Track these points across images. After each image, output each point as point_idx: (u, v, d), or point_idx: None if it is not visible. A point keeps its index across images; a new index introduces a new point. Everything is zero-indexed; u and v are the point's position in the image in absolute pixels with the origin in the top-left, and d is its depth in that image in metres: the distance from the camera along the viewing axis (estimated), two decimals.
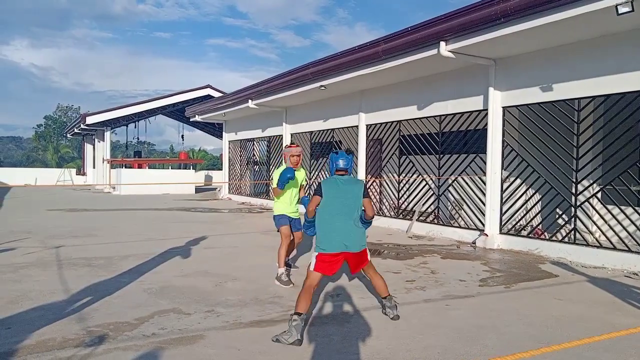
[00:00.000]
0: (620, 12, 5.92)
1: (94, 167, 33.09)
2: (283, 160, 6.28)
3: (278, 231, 6.18)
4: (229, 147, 22.06)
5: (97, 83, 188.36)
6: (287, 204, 6.13)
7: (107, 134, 29.30)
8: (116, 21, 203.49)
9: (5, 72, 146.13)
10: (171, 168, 34.31)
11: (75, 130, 32.42)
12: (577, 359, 3.68)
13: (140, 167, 29.73)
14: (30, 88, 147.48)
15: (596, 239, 7.77)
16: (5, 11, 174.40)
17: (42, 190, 26.71)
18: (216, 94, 26.58)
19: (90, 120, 27.73)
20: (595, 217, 8.05)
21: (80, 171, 36.41)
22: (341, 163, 4.50)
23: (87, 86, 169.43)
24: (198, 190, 26.93)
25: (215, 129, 30.48)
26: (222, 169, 24.32)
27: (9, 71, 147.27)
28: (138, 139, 33.98)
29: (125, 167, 28.17)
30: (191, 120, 23.63)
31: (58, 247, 8.21)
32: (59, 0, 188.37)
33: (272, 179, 6.21)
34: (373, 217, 4.52)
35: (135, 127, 31.51)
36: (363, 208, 4.46)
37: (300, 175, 6.22)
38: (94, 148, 33.02)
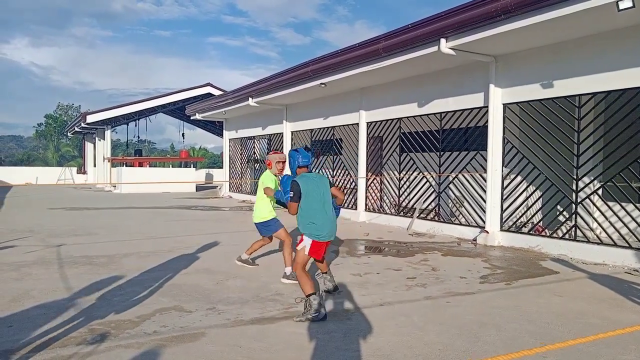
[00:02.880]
0: (621, 7, 5.91)
1: (94, 166, 33.09)
2: (267, 167, 6.30)
3: (268, 237, 6.35)
4: (230, 145, 22.06)
5: (98, 82, 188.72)
6: (270, 208, 6.24)
7: (108, 133, 29.30)
8: (116, 19, 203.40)
9: (6, 71, 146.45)
10: (172, 166, 34.31)
11: (76, 129, 32.42)
12: (578, 355, 3.68)
13: (141, 165, 29.74)
14: (31, 87, 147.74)
15: (597, 236, 7.77)
16: (5, 10, 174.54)
17: (43, 189, 26.73)
18: (216, 92, 26.58)
19: (90, 118, 27.73)
20: (596, 214, 8.04)
21: (81, 170, 36.41)
22: (302, 160, 4.91)
23: (87, 85, 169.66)
24: (199, 188, 26.95)
25: (215, 127, 30.49)
26: (222, 167, 24.31)
27: (9, 70, 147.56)
28: (139, 137, 34.05)
29: (126, 166, 28.18)
30: (192, 118, 23.62)
31: (59, 245, 8.23)
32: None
33: (261, 182, 6.24)
34: (343, 202, 5.16)
35: (135, 125, 31.57)
36: (333, 197, 5.02)
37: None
38: (94, 147, 33.01)
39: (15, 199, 18.82)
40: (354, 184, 13.25)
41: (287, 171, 6.15)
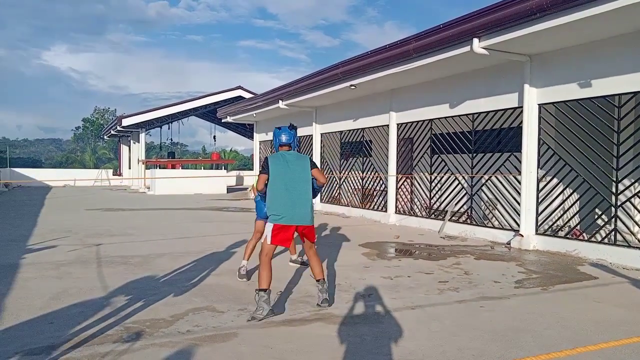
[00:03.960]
0: None
1: (129, 168, 33.97)
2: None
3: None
4: (260, 148, 22.27)
5: (132, 86, 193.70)
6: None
7: (142, 136, 30.03)
8: (150, 25, 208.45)
9: (46, 77, 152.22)
10: (203, 168, 34.86)
11: (112, 132, 33.37)
12: None
13: (173, 167, 30.33)
14: (70, 91, 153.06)
15: (638, 240, 7.47)
16: (45, 18, 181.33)
17: (81, 190, 27.60)
18: (247, 95, 26.89)
19: (126, 122, 28.49)
20: (637, 217, 7.74)
21: (117, 172, 37.43)
22: (284, 138, 4.72)
23: (122, 89, 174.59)
24: (230, 190, 27.28)
25: (246, 130, 30.87)
26: (253, 169, 24.55)
27: (49, 76, 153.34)
28: (171, 140, 34.86)
29: (160, 168, 28.80)
30: (223, 121, 23.95)
31: (96, 245, 8.47)
32: (96, 7, 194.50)
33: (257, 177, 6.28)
34: (324, 184, 4.84)
35: (168, 128, 32.27)
36: (314, 178, 4.76)
37: None
38: (129, 149, 33.91)
39: (54, 200, 19.50)
40: (383, 185, 13.16)
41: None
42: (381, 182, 13.37)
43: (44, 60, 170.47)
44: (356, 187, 14.65)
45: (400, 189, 12.59)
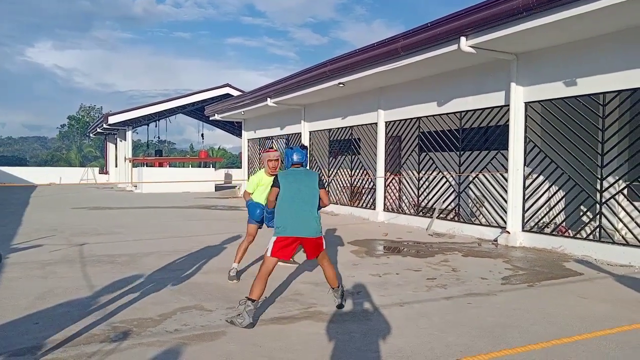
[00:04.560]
0: None
1: (116, 166, 33.64)
2: (262, 165, 6.33)
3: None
4: (248, 146, 22.19)
5: (119, 83, 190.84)
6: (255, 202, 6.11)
7: (129, 133, 29.73)
8: (137, 22, 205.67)
9: (30, 74, 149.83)
10: (191, 166, 34.66)
11: (98, 130, 32.99)
12: (602, 357, 3.60)
13: (161, 165, 30.10)
14: (55, 89, 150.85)
15: (622, 237, 7.59)
16: (29, 14, 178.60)
17: (67, 188, 27.26)
18: (235, 93, 26.73)
19: (112, 119, 28.17)
20: (622, 214, 7.86)
21: (103, 170, 37.03)
22: (295, 157, 4.90)
23: (109, 86, 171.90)
24: (218, 188, 27.15)
25: (234, 128, 30.68)
26: (241, 167, 24.47)
27: (33, 73, 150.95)
28: (159, 138, 34.50)
29: (147, 166, 28.57)
30: (211, 119, 23.80)
31: (82, 244, 8.38)
32: (82, 3, 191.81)
33: (247, 181, 6.35)
34: (327, 206, 4.89)
35: (156, 126, 31.98)
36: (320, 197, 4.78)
37: None
38: (116, 147, 33.58)
39: (39, 199, 19.23)
40: (372, 184, 13.20)
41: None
42: (370, 179, 13.40)
43: (28, 57, 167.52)
44: (345, 184, 14.68)
45: (388, 187, 12.63)
